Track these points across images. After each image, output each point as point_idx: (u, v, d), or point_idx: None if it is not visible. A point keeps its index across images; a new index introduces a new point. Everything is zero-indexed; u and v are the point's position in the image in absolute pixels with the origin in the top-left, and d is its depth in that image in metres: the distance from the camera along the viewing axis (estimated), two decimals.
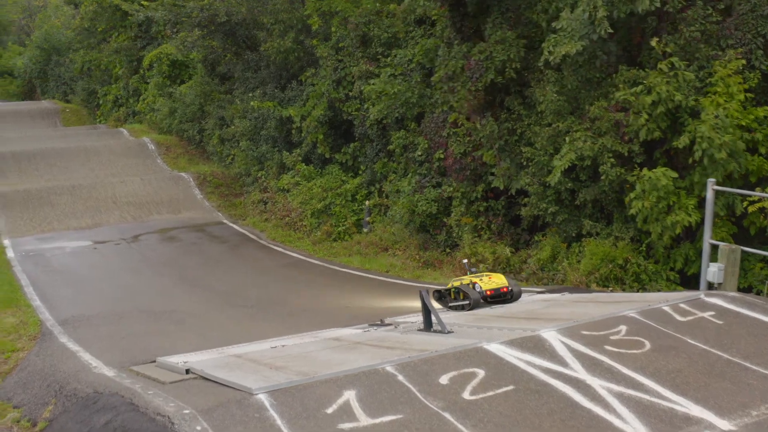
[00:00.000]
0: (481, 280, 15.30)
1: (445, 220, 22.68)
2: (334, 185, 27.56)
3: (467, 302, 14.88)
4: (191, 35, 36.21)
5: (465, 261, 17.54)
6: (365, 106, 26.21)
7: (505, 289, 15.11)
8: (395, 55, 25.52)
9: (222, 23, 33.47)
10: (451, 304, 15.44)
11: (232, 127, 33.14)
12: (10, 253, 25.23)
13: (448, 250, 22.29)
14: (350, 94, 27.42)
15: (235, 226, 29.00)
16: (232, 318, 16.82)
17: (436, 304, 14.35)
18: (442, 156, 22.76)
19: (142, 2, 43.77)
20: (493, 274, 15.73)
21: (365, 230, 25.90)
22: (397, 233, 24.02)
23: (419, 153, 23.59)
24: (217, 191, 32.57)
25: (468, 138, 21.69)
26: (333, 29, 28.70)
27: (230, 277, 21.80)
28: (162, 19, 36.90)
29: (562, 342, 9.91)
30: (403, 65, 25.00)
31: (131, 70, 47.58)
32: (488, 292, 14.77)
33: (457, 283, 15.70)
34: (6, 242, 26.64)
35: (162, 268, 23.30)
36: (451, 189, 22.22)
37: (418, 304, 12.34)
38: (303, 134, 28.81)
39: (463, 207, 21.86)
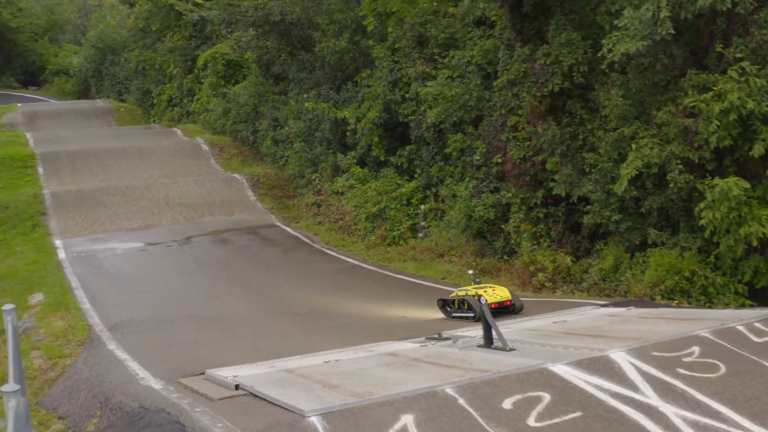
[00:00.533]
0: (485, 292, 15.84)
1: (502, 226, 22.25)
2: (389, 189, 27.29)
3: (472, 314, 15.67)
4: (245, 35, 36.24)
5: (471, 272, 18.28)
6: (422, 108, 25.89)
7: (508, 303, 15.98)
8: (453, 56, 25.12)
9: (276, 23, 33.42)
10: (454, 314, 16.25)
11: (286, 128, 33.06)
12: (61, 254, 25.43)
13: (505, 257, 21.87)
14: (406, 95, 27.14)
15: (288, 229, 28.89)
16: (284, 326, 16.65)
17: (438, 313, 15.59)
18: (500, 160, 22.34)
19: (197, 1, 43.97)
20: (497, 287, 16.52)
21: (420, 235, 25.59)
22: (453, 239, 23.67)
23: (477, 157, 23.18)
24: (271, 193, 32.50)
25: (528, 142, 21.24)
26: (389, 29, 28.44)
27: (282, 282, 21.67)
28: (216, 18, 36.98)
29: (632, 364, 9.50)
30: (461, 67, 24.61)
31: (185, 70, 47.82)
32: (492, 305, 14.70)
33: (462, 294, 16.38)
34: (58, 243, 26.84)
35: (213, 271, 23.27)
36: (510, 195, 21.78)
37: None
38: (358, 136, 28.58)
39: (522, 213, 21.41)
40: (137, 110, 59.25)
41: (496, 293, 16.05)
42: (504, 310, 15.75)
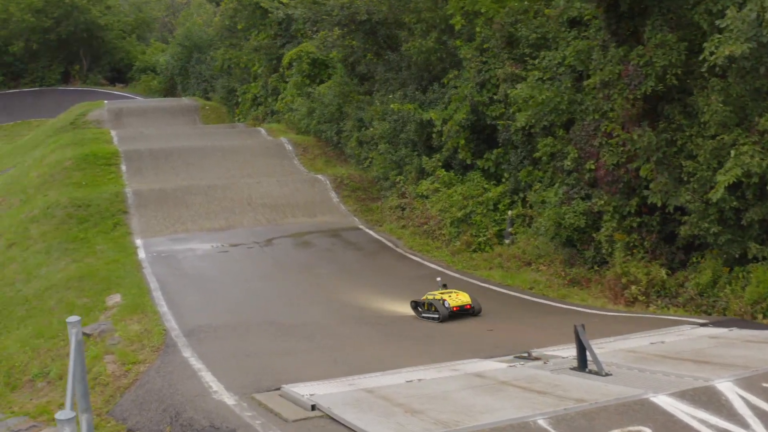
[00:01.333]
0: (449, 296, 18.53)
1: (593, 235, 21.75)
2: (476, 193, 26.95)
3: (437, 316, 18.15)
4: (331, 34, 36.23)
5: (438, 279, 20.16)
6: (510, 110, 25.48)
7: (468, 306, 18.41)
8: (544, 58, 24.65)
9: (362, 22, 33.36)
10: (423, 315, 18.64)
11: (371, 129, 32.96)
12: (141, 254, 25.76)
13: (596, 267, 21.37)
14: (494, 97, 26.76)
15: (371, 232, 28.77)
16: (364, 336, 16.49)
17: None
18: (593, 167, 21.83)
19: (282, 1, 44.24)
20: (460, 293, 18.90)
21: (507, 242, 25.20)
22: (541, 247, 23.24)
23: (568, 162, 22.68)
24: (354, 195, 32.43)
25: (622, 148, 20.70)
26: (477, 29, 28.10)
27: (364, 288, 21.55)
28: (301, 17, 37.09)
29: (741, 396, 8.99)
30: (552, 68, 24.14)
31: (270, 69, 48.19)
32: (454, 308, 18.13)
33: (430, 297, 18.73)
34: (138, 242, 27.21)
35: (294, 275, 23.27)
36: (602, 202, 21.27)
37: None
38: (444, 139, 28.29)
39: (615, 222, 20.89)
40: (222, 109, 59.95)
41: (458, 298, 18.54)
42: (465, 312, 18.27)
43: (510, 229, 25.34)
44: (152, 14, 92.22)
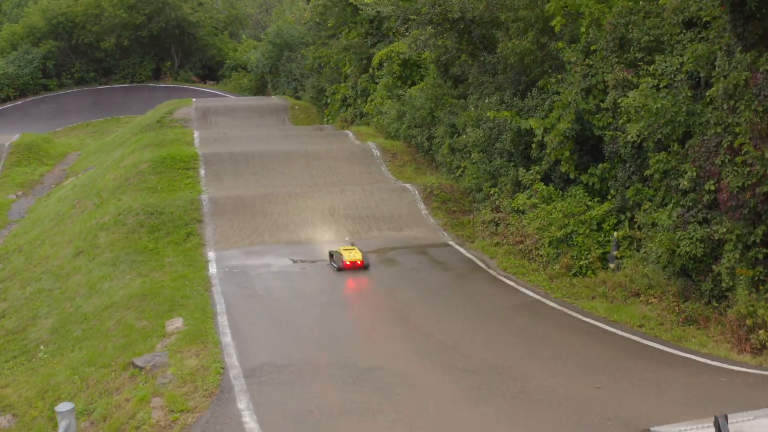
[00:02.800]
0: (348, 251, 24.42)
1: (712, 265, 19.39)
2: (577, 210, 24.75)
3: (335, 265, 24.29)
4: (423, 33, 34.40)
5: (347, 239, 26.84)
6: (619, 121, 23.22)
7: (360, 263, 24.09)
8: (660, 63, 22.29)
9: (455, 20, 31.42)
10: (332, 263, 24.58)
11: (464, 136, 30.98)
12: (212, 269, 24.40)
13: (714, 303, 19.03)
14: (602, 105, 24.52)
15: (461, 250, 26.81)
16: (450, 389, 14.56)
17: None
18: (713, 188, 19.43)
19: None
20: (355, 250, 24.50)
21: (611, 266, 22.98)
22: (651, 275, 20.95)
23: (684, 182, 20.34)
24: (444, 207, 30.50)
25: (749, 168, 18.29)
26: (581, 30, 25.91)
27: (451, 319, 19.63)
28: (391, 14, 35.32)
29: None
30: (669, 75, 21.80)
31: (360, 69, 46.61)
32: (348, 263, 24.01)
33: (337, 250, 24.77)
34: (210, 255, 25.87)
35: (373, 299, 21.58)
36: (724, 229, 18.87)
37: None
38: (548, 151, 26.11)
39: (738, 253, 18.51)
40: (312, 108, 58.79)
41: (352, 254, 24.25)
42: (358, 268, 24.04)
43: (615, 253, 23.10)
44: (245, 11, 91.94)
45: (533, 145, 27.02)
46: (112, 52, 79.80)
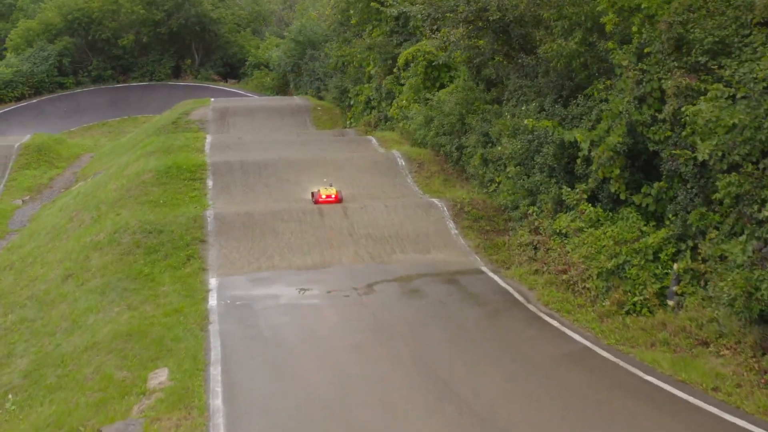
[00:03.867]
0: (325, 189, 28.86)
1: None
2: (630, 237, 21.45)
3: (313, 200, 28.79)
4: (453, 32, 31.22)
5: (325, 180, 30.28)
6: (681, 134, 19.90)
7: (335, 197, 28.52)
8: (736, 69, 18.88)
9: (493, 20, 28.20)
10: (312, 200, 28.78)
11: (499, 147, 27.71)
12: (212, 301, 21.52)
13: None
14: (658, 116, 21.19)
15: (495, 278, 23.61)
16: None
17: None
18: None
19: None
20: (331, 189, 28.87)
21: (670, 303, 19.68)
22: (722, 320, 17.63)
23: (766, 212, 17.02)
24: (476, 226, 27.28)
25: None
26: (634, 29, 22.64)
27: (486, 374, 16.51)
28: (420, 14, 32.06)
29: None
30: (746, 83, 18.41)
31: (385, 70, 43.31)
32: (324, 197, 28.53)
33: (317, 189, 29.03)
34: (212, 283, 22.96)
35: (396, 344, 18.39)
36: None
37: None
38: (594, 167, 22.80)
39: None
40: (335, 110, 55.77)
41: (328, 190, 28.61)
42: (333, 201, 28.34)
43: (675, 288, 19.78)
44: (269, 7, 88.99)
45: (578, 160, 23.77)
46: (131, 50, 77.16)
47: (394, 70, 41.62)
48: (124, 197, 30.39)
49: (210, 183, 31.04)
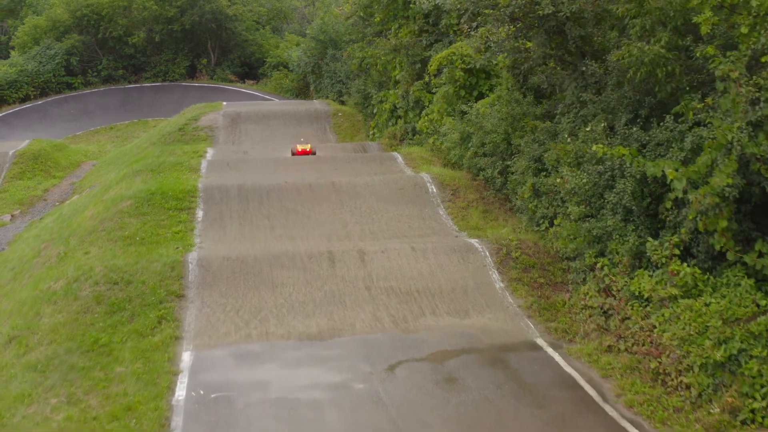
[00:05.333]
0: (301, 144, 36.23)
1: None
2: (743, 313, 15.54)
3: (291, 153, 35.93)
4: (496, 32, 25.40)
5: (302, 139, 39.53)
6: None
7: (309, 151, 35.74)
8: None
9: (545, 17, 22.34)
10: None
11: (557, 178, 21.73)
12: (179, 391, 16.01)
13: None
14: None
15: (556, 357, 17.73)
16: None
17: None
18: None
19: None
20: (308, 145, 36.38)
21: None
22: None
23: None
24: (527, 278, 21.34)
25: None
26: (743, 30, 16.77)
27: None
28: (455, 8, 26.07)
29: None
30: None
31: (413, 75, 37.13)
32: (299, 152, 35.59)
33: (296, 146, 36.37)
34: (184, 360, 17.46)
35: None
36: None
37: None
38: (691, 216, 16.79)
39: None
40: (357, 116, 49.90)
41: (304, 146, 36.02)
42: (308, 154, 35.31)
43: None
44: (290, 4, 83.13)
45: (667, 203, 17.85)
46: (143, 48, 71.57)
47: (425, 75, 35.56)
48: (96, 230, 24.74)
49: (200, 214, 25.27)
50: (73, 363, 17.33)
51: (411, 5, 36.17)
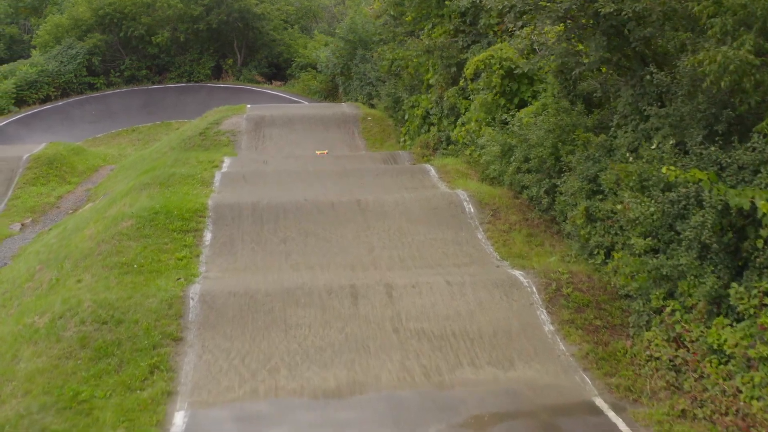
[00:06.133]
0: (320, 153, 36.39)
1: None
2: None
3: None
4: (542, 32, 22.41)
5: (325, 151, 37.49)
6: None
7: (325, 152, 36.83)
8: None
9: (605, 16, 19.29)
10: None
11: (616, 204, 18.63)
12: None
13: None
14: None
15: (620, 425, 14.64)
16: None
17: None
18: None
19: None
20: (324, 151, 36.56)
21: None
22: None
23: None
24: (581, 319, 18.26)
25: None
26: None
27: None
28: (498, 6, 23.02)
29: None
30: None
31: (448, 79, 33.93)
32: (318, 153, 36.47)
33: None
34: (176, 424, 14.59)
35: None
36: None
37: None
38: None
39: None
40: (387, 120, 46.72)
41: (323, 152, 37.15)
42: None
43: None
44: (320, 2, 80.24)
45: (757, 241, 14.75)
46: (167, 48, 68.84)
47: (460, 80, 32.42)
48: (93, 253, 21.96)
49: (208, 237, 22.36)
50: (45, 425, 14.52)
51: (446, 3, 33.06)
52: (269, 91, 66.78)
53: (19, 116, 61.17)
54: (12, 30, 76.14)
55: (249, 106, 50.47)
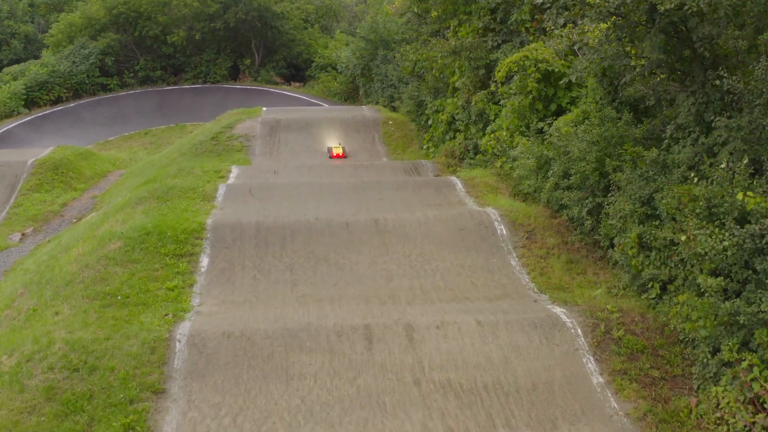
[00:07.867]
0: (335, 147, 37.87)
1: None
2: None
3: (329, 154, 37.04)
4: (584, 31, 19.66)
5: (339, 143, 38.76)
6: None
7: (342, 155, 37.16)
8: None
9: (662, 14, 16.50)
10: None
11: (680, 234, 15.76)
12: None
13: None
14: None
15: None
16: None
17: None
18: None
19: None
20: (340, 146, 37.93)
21: None
22: None
23: None
24: (634, 368, 15.44)
25: None
26: None
27: None
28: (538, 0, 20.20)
29: None
30: None
31: (476, 82, 31.05)
32: (333, 155, 37.06)
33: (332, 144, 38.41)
34: None
35: None
36: None
37: None
38: None
39: None
40: (409, 125, 44.14)
41: (338, 148, 37.55)
42: (340, 158, 36.34)
43: None
44: (342, 1, 77.72)
45: None
46: (182, 48, 66.53)
47: (490, 83, 29.52)
48: (75, 280, 19.38)
49: (204, 262, 19.67)
50: None
51: (476, 0, 30.37)
52: (287, 93, 64.37)
53: (29, 118, 59.13)
54: (27, 29, 73.98)
55: (265, 108, 47.96)
